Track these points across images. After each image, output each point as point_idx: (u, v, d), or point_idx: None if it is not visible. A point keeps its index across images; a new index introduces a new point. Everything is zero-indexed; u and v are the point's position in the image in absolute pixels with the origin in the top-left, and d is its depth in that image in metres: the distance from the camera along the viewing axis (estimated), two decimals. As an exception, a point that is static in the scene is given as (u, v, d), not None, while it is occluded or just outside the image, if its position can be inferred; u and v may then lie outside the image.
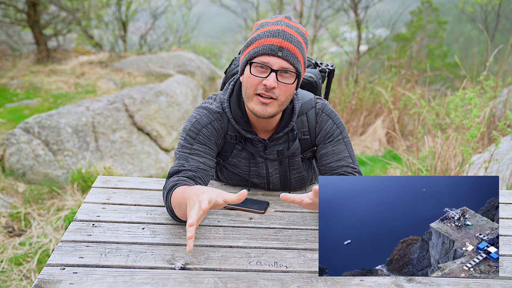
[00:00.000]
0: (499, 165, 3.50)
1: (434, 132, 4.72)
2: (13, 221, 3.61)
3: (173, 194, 1.52)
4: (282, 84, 1.58)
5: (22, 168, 4.31)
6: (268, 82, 1.55)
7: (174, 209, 1.52)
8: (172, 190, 1.54)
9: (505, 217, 1.82)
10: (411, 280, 1.34)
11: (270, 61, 1.55)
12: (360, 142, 6.66)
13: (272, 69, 1.55)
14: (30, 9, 9.90)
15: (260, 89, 1.58)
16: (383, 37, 15.39)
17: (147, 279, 1.27)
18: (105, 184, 1.92)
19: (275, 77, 1.55)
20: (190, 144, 1.69)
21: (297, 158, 1.84)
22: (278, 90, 1.58)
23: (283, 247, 1.49)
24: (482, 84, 4.59)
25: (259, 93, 1.58)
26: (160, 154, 5.51)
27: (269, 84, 1.54)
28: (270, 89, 1.57)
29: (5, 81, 7.83)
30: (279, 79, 1.57)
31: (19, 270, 2.98)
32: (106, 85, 7.81)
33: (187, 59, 9.15)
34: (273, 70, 1.55)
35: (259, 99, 1.59)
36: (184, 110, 6.43)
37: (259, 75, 1.57)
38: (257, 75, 1.57)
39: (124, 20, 12.84)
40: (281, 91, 1.59)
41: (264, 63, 1.55)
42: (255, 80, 1.58)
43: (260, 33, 1.58)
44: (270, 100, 1.58)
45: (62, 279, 1.25)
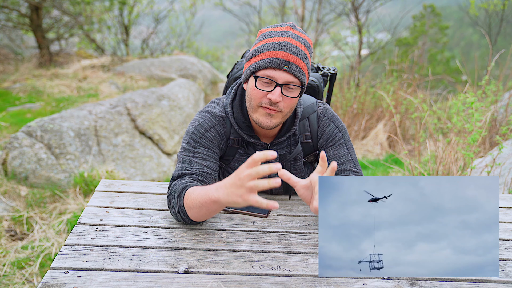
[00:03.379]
0: (501, 169, 3.51)
1: (435, 136, 4.73)
2: (15, 225, 3.61)
3: (187, 195, 1.49)
4: (286, 98, 1.59)
5: (25, 171, 4.32)
6: (273, 96, 1.55)
7: (189, 210, 1.50)
8: (184, 191, 1.53)
9: (507, 222, 1.82)
10: (414, 284, 1.34)
11: (275, 75, 1.55)
12: (361, 146, 6.66)
13: (277, 83, 1.55)
14: (32, 13, 9.95)
15: (264, 103, 1.59)
16: (385, 42, 15.41)
17: (151, 283, 1.28)
18: (108, 188, 1.93)
19: (280, 92, 1.56)
20: (193, 148, 1.69)
21: (300, 162, 1.84)
22: (283, 103, 1.59)
23: (286, 251, 1.50)
24: (484, 89, 4.60)
25: (264, 106, 1.59)
26: (162, 157, 5.52)
27: (274, 98, 1.55)
28: (275, 103, 1.57)
29: (8, 85, 7.86)
30: (284, 93, 1.57)
31: (21, 274, 2.99)
32: (108, 89, 7.83)
33: (189, 63, 9.18)
34: (278, 84, 1.56)
35: (264, 110, 1.60)
36: (186, 114, 6.44)
37: (264, 89, 1.57)
38: (262, 88, 1.57)
39: (127, 24, 12.89)
40: (286, 104, 1.59)
41: (270, 77, 1.55)
42: (260, 93, 1.58)
43: (266, 45, 1.57)
44: (275, 112, 1.59)
45: (66, 283, 1.25)
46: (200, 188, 1.46)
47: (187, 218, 1.54)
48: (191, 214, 1.51)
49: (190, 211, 1.50)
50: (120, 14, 12.70)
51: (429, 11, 19.83)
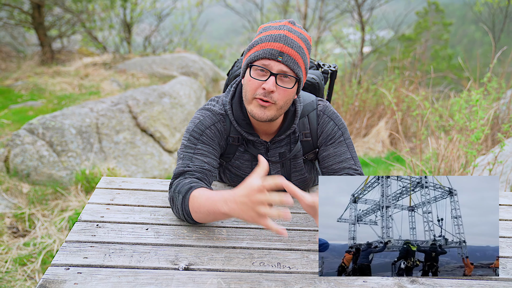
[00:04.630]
0: (503, 167, 3.50)
1: (437, 134, 4.72)
2: (17, 222, 3.62)
3: (194, 198, 1.49)
4: (281, 88, 1.58)
5: (27, 169, 4.33)
6: (267, 85, 1.54)
7: (194, 213, 1.51)
8: (189, 193, 1.52)
9: (508, 219, 1.82)
10: (414, 282, 1.34)
11: (270, 64, 1.55)
12: (363, 143, 6.65)
13: (272, 72, 1.55)
14: (34, 11, 9.96)
15: (259, 94, 1.58)
16: (387, 39, 15.37)
17: (151, 280, 1.28)
18: (109, 185, 1.93)
19: (274, 81, 1.55)
20: (194, 144, 1.69)
21: (299, 160, 1.84)
22: (277, 94, 1.58)
23: (286, 248, 1.50)
24: (486, 86, 4.59)
25: (258, 97, 1.59)
26: (163, 155, 5.53)
27: (268, 87, 1.54)
28: (269, 93, 1.57)
29: (10, 83, 7.87)
30: (278, 83, 1.57)
31: (23, 270, 3.00)
32: (110, 86, 7.84)
33: (191, 61, 9.18)
34: (273, 73, 1.55)
35: (258, 101, 1.59)
36: (187, 112, 6.45)
37: (259, 78, 1.57)
38: (256, 78, 1.57)
39: (129, 22, 12.88)
40: (280, 95, 1.59)
41: (264, 66, 1.56)
42: (254, 83, 1.58)
43: (262, 37, 1.58)
44: (268, 104, 1.59)
45: (66, 279, 1.26)
46: (207, 194, 1.45)
47: (191, 219, 1.55)
48: (196, 217, 1.52)
49: (196, 214, 1.50)
50: (122, 12, 12.70)
51: (433, 8, 19.78)
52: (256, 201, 1.24)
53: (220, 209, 1.37)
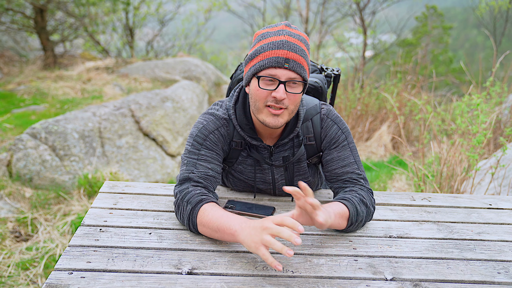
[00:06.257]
0: (505, 171, 3.49)
1: (439, 138, 4.71)
2: (20, 226, 3.63)
3: (204, 212, 1.53)
4: (290, 94, 1.59)
5: (29, 173, 4.34)
6: (278, 94, 1.56)
7: (201, 226, 1.53)
8: (200, 206, 1.56)
9: (511, 223, 1.81)
10: (417, 285, 1.33)
11: (278, 73, 1.56)
12: (365, 147, 6.65)
13: (280, 81, 1.56)
14: (37, 16, 9.99)
15: (270, 101, 1.59)
16: (389, 43, 15.39)
17: (154, 284, 1.28)
18: (112, 189, 1.93)
19: (283, 89, 1.56)
20: (197, 150, 1.70)
21: (303, 163, 1.84)
22: (288, 100, 1.59)
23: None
24: (488, 90, 4.58)
25: (269, 104, 1.60)
26: (166, 159, 5.53)
27: (279, 96, 1.56)
28: (280, 101, 1.58)
29: (12, 87, 7.90)
30: (287, 89, 1.58)
31: (26, 275, 3.00)
32: (112, 90, 7.86)
33: (193, 65, 9.19)
34: (281, 82, 1.56)
35: (269, 110, 1.60)
36: (190, 116, 6.45)
37: (267, 88, 1.58)
38: (265, 88, 1.58)
39: (131, 26, 12.92)
40: (290, 100, 1.60)
41: (272, 76, 1.56)
42: (263, 92, 1.59)
43: (264, 45, 1.58)
44: (281, 111, 1.60)
45: (70, 284, 1.26)
46: (220, 213, 1.49)
47: (196, 230, 1.57)
48: (202, 231, 1.54)
49: (203, 228, 1.53)
50: (125, 16, 12.73)
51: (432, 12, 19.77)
52: (267, 228, 1.29)
53: (231, 227, 1.41)
